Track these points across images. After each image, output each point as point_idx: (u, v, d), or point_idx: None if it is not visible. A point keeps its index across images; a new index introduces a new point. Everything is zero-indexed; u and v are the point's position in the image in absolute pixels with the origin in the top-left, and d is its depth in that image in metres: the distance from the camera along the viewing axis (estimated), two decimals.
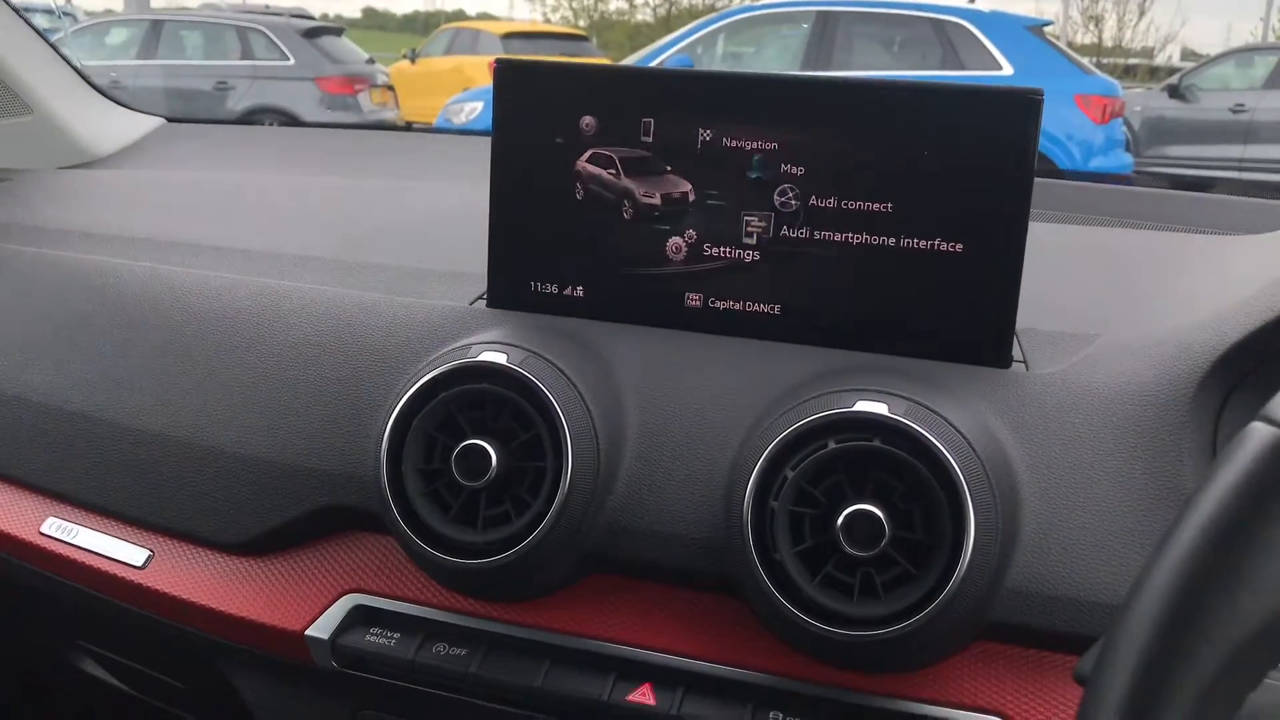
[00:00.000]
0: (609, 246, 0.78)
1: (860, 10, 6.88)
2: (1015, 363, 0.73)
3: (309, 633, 0.77)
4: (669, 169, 0.76)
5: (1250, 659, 0.38)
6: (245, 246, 1.01)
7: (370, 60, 9.41)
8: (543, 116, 0.77)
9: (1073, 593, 0.64)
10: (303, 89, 8.33)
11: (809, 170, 0.73)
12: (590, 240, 0.78)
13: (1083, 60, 7.26)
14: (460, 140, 1.61)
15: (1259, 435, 0.38)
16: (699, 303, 0.77)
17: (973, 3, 7.50)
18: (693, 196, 0.75)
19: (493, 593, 0.75)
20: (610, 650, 0.72)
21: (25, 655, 1.15)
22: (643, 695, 0.70)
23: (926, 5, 6.69)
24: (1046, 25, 7.09)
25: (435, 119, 7.83)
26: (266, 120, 7.81)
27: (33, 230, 1.09)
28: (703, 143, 0.75)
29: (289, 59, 8.47)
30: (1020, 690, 0.67)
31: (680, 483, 0.70)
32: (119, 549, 0.84)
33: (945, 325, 0.73)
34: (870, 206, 0.72)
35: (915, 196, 0.72)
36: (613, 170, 0.77)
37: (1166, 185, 1.10)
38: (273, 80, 8.39)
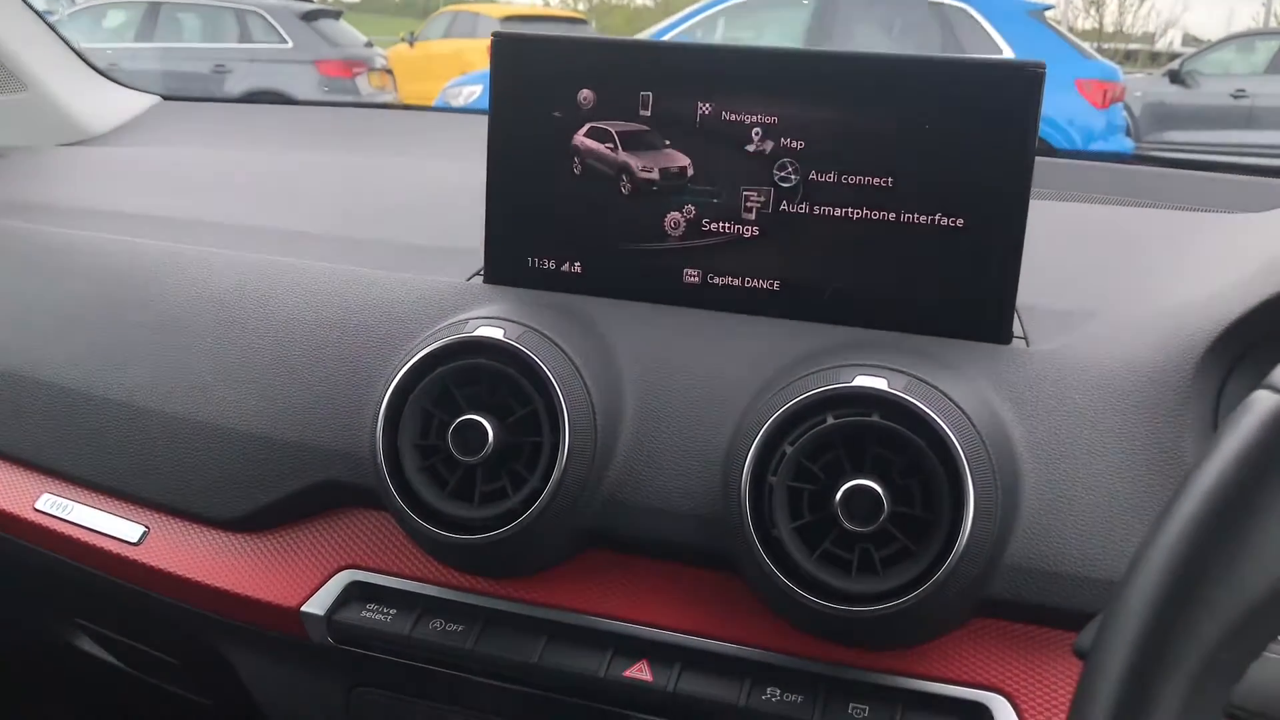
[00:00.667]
0: (607, 222, 0.77)
1: None
2: (1015, 339, 0.73)
3: (305, 608, 0.77)
4: (667, 143, 0.75)
5: (1252, 629, 0.37)
6: (242, 223, 1.01)
7: (369, 43, 9.36)
8: (540, 90, 0.77)
9: (1072, 568, 0.64)
10: (301, 72, 8.27)
11: (809, 144, 0.72)
12: (588, 216, 0.77)
13: (1084, 45, 7.23)
14: (458, 118, 1.60)
15: (1264, 403, 0.37)
16: (697, 278, 0.76)
17: None
18: (691, 171, 0.75)
19: (489, 568, 0.75)
20: (607, 626, 0.72)
21: (21, 633, 1.15)
22: (639, 671, 0.70)
23: None
24: (1047, 9, 7.04)
25: (434, 102, 7.79)
26: (264, 102, 7.76)
27: (28, 207, 1.08)
28: (702, 117, 0.74)
29: (287, 42, 8.43)
30: (1020, 666, 0.66)
31: (678, 458, 0.70)
32: (114, 525, 0.84)
33: (945, 301, 0.72)
34: (870, 181, 0.72)
35: (916, 171, 0.71)
36: (610, 144, 0.76)
37: (1166, 166, 1.09)
38: (270, 63, 8.34)
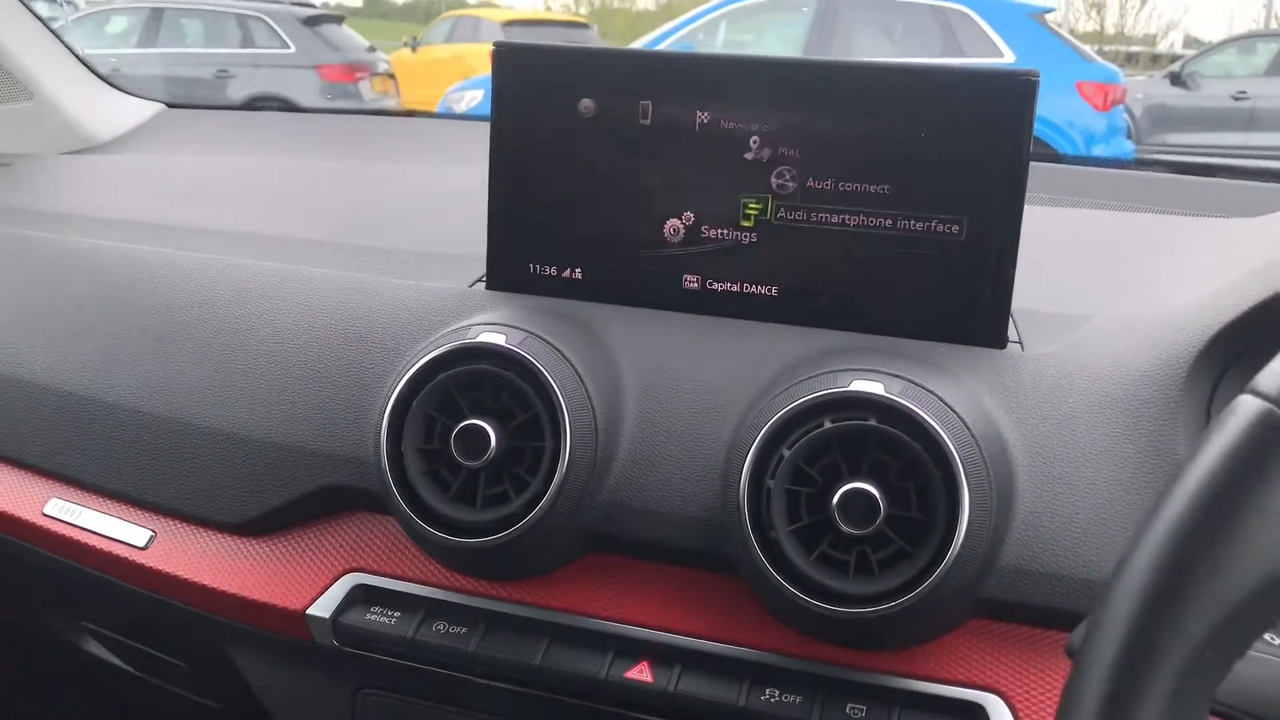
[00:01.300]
0: (607, 229, 0.78)
1: None
2: (1011, 343, 0.73)
3: (310, 612, 0.78)
4: (667, 151, 0.76)
5: (1236, 629, 0.38)
6: (246, 229, 1.02)
7: (371, 48, 9.37)
8: (541, 99, 0.78)
9: (1067, 570, 0.65)
10: (303, 77, 8.29)
11: (806, 152, 0.73)
12: (588, 223, 0.78)
13: (1084, 47, 7.23)
14: (460, 125, 1.61)
15: (1246, 407, 0.38)
16: (697, 284, 0.77)
17: None
18: (691, 179, 0.76)
19: (492, 571, 0.75)
20: (608, 628, 0.73)
21: (29, 637, 1.15)
22: (640, 672, 0.71)
23: None
24: (1048, 12, 7.05)
25: (436, 107, 7.80)
26: (267, 108, 7.78)
27: (34, 215, 1.09)
28: (701, 124, 0.75)
29: (289, 47, 8.44)
30: (1016, 667, 0.67)
31: (678, 462, 0.71)
32: (121, 529, 0.85)
33: (941, 306, 0.73)
34: (867, 188, 0.73)
35: (912, 178, 0.72)
36: (611, 152, 0.77)
37: (1165, 171, 1.10)
38: (273, 68, 8.35)
